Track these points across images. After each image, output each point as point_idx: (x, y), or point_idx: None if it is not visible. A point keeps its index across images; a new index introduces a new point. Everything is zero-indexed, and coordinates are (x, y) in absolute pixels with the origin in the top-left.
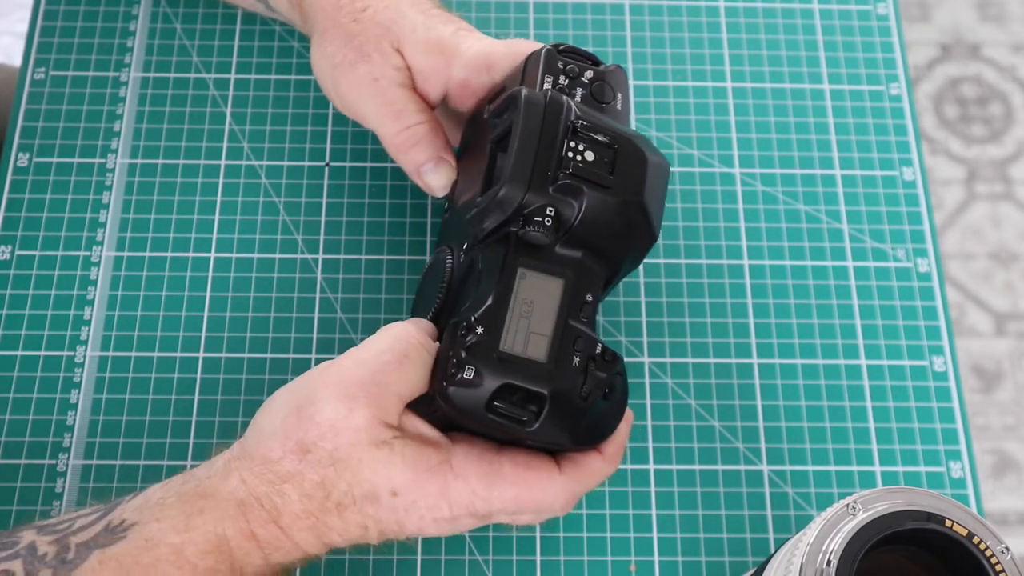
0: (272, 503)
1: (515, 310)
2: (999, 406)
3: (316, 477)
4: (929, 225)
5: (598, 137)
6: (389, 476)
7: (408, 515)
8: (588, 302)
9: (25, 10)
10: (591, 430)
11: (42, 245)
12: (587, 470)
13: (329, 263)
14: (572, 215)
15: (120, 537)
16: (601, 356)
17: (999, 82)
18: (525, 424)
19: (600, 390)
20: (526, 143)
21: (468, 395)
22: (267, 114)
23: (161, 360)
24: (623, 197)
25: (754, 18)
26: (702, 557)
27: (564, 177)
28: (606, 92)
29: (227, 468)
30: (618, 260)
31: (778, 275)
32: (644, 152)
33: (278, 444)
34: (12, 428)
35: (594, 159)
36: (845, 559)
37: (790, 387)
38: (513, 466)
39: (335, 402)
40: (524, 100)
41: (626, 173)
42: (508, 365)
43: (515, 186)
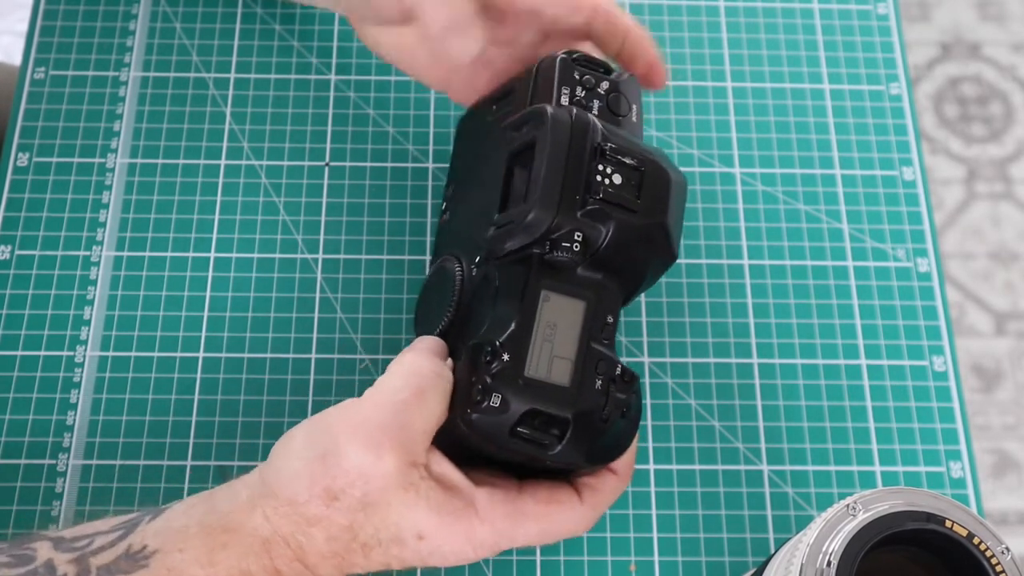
0: (297, 542)
1: (539, 334)
2: (999, 406)
3: (344, 521)
4: (929, 225)
5: (625, 160)
6: (415, 520)
7: (432, 558)
8: (609, 324)
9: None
10: (608, 449)
11: (42, 245)
12: (605, 493)
13: (329, 263)
14: (599, 239)
15: (142, 565)
16: (621, 377)
17: (999, 82)
18: (547, 448)
19: (619, 411)
20: (554, 165)
21: (493, 421)
22: (267, 114)
23: (161, 360)
24: (648, 220)
25: (754, 18)
26: (702, 557)
27: (593, 202)
28: (622, 104)
29: (251, 504)
30: (638, 280)
31: (778, 275)
32: (668, 173)
33: (304, 488)
34: (12, 428)
35: (622, 182)
36: (845, 559)
37: (790, 387)
38: (536, 503)
39: (361, 450)
40: (551, 119)
41: (652, 196)
42: (533, 391)
43: (544, 211)
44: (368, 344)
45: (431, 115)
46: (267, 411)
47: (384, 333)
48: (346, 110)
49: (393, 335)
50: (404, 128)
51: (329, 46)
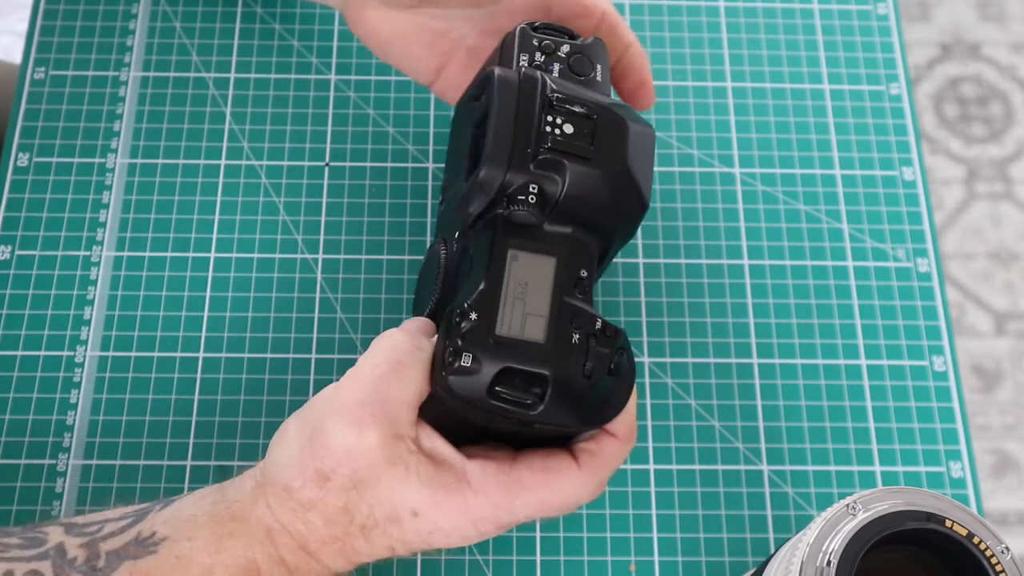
0: (297, 530)
1: (509, 292)
2: (999, 406)
3: (339, 503)
4: (929, 225)
5: (575, 109)
6: (407, 495)
7: (433, 536)
8: (583, 278)
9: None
10: (600, 408)
11: (42, 245)
12: (605, 457)
13: (329, 263)
14: (557, 190)
15: (151, 551)
16: (602, 332)
17: (999, 82)
18: (530, 407)
19: (604, 366)
20: (503, 122)
21: (468, 383)
22: (267, 114)
23: (161, 360)
24: (606, 167)
25: (754, 18)
26: (702, 557)
27: (544, 152)
28: (584, 65)
29: (255, 494)
30: (610, 232)
31: (778, 275)
32: (625, 120)
33: (297, 473)
34: (12, 428)
35: (573, 131)
36: (845, 559)
37: (790, 387)
38: (532, 472)
39: (344, 427)
40: (497, 79)
41: (607, 143)
42: (506, 348)
43: (495, 166)
44: (368, 344)
45: (431, 115)
46: (267, 411)
47: None
48: (346, 110)
49: None
50: (404, 128)
51: (329, 46)
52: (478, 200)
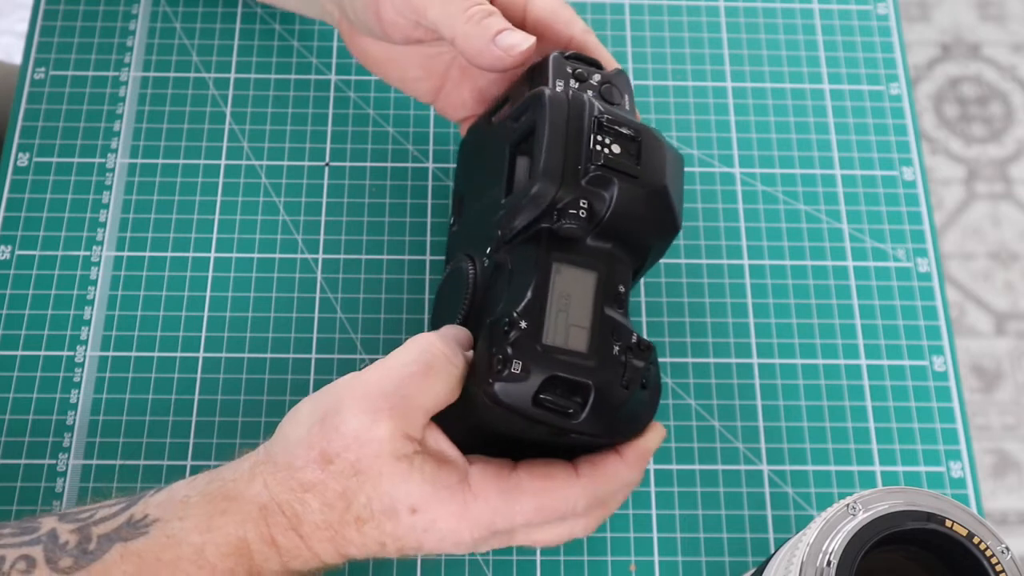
0: (293, 511)
1: (553, 304)
2: (999, 406)
3: (338, 488)
4: (929, 225)
5: (622, 130)
6: (408, 491)
7: (427, 536)
8: (621, 292)
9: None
10: (628, 421)
11: (42, 245)
12: (605, 471)
13: (329, 263)
14: (604, 207)
15: (142, 532)
16: (637, 345)
17: (999, 82)
18: (571, 416)
19: (638, 379)
20: (555, 139)
21: (516, 390)
22: (267, 114)
23: (161, 360)
24: (650, 185)
25: (754, 18)
26: (702, 557)
27: (595, 169)
28: (614, 94)
29: (252, 472)
30: (645, 249)
31: (778, 275)
32: (664, 143)
33: (302, 452)
34: (12, 428)
35: (621, 151)
36: (845, 559)
37: (790, 387)
38: (531, 477)
39: (360, 414)
40: (548, 99)
41: (650, 162)
42: (553, 357)
43: (548, 181)
44: (368, 344)
45: (431, 115)
46: (267, 411)
47: (384, 333)
48: (346, 110)
49: (393, 335)
50: (404, 128)
51: (329, 46)
52: (527, 213)
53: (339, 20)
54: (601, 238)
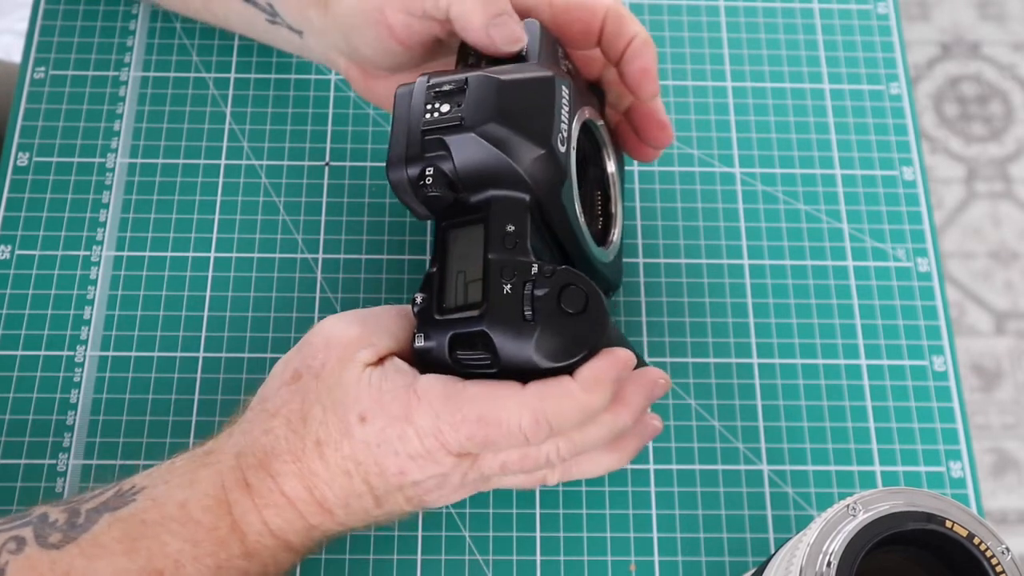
0: (261, 446)
1: (451, 268)
2: (999, 405)
3: (298, 403)
4: (929, 225)
5: (446, 88)
6: (357, 397)
7: (382, 452)
8: (510, 232)
9: (25, 9)
10: (570, 345)
11: (42, 245)
12: (553, 385)
13: (329, 263)
14: (450, 164)
15: (130, 500)
16: (540, 274)
17: (999, 81)
18: (491, 365)
19: (550, 305)
20: (398, 127)
21: (433, 359)
22: (267, 114)
23: (161, 360)
24: (478, 125)
25: (754, 18)
26: (702, 557)
27: (426, 135)
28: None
29: (231, 427)
30: (522, 180)
31: (778, 275)
32: (493, 77)
33: (277, 379)
34: (12, 428)
35: (448, 108)
36: (845, 560)
37: (790, 387)
38: (475, 385)
39: (332, 324)
40: (396, 95)
41: (475, 105)
42: (448, 319)
43: (395, 166)
44: None
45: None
46: None
47: None
48: (346, 110)
49: None
50: None
51: None
52: (407, 201)
53: (347, 68)
54: (476, 190)
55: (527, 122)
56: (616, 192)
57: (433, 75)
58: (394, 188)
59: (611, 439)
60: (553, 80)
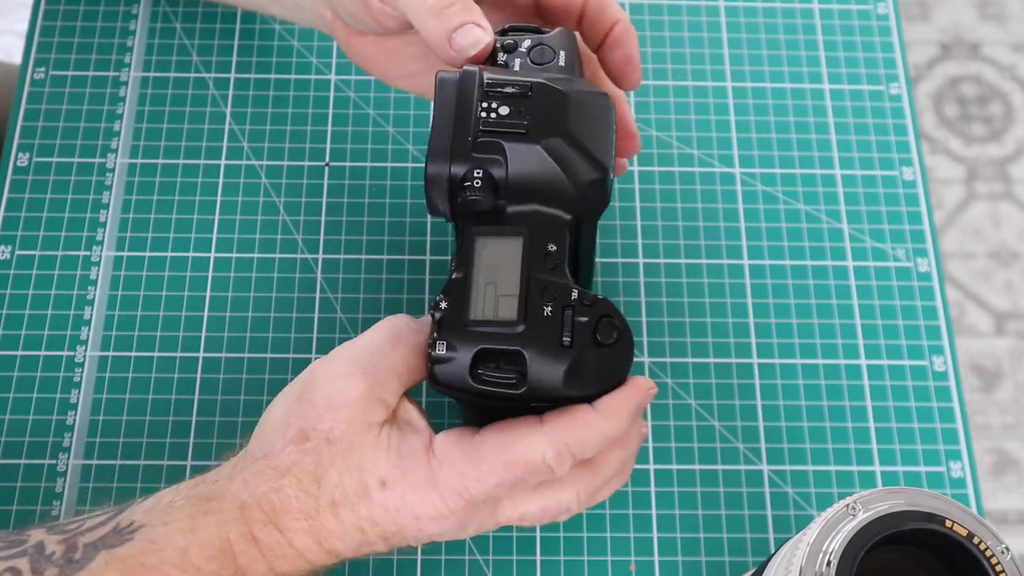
0: (270, 503)
1: (480, 278)
2: (999, 405)
3: (311, 465)
4: (929, 225)
5: (507, 90)
6: (376, 462)
7: (402, 516)
8: (551, 252)
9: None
10: (597, 377)
11: (42, 245)
12: (571, 416)
13: (329, 263)
14: (502, 170)
15: (127, 539)
16: (580, 301)
17: (999, 81)
18: (515, 386)
19: (586, 334)
20: (442, 118)
21: (450, 370)
22: (267, 114)
23: (161, 360)
24: (545, 139)
25: (754, 18)
26: (702, 557)
27: (481, 136)
28: (545, 53)
29: (232, 471)
30: (572, 200)
31: (778, 275)
32: (562, 91)
33: (279, 436)
34: (12, 428)
35: (509, 111)
36: (845, 559)
37: (790, 387)
38: (493, 434)
39: (332, 379)
40: (438, 81)
41: (543, 116)
42: (480, 332)
43: (436, 160)
44: None
45: (431, 115)
46: None
47: None
48: (346, 110)
49: None
50: (404, 128)
51: (329, 46)
52: (436, 198)
53: (332, 21)
54: (518, 201)
55: (589, 143)
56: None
57: (487, 70)
58: (429, 181)
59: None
60: (609, 101)
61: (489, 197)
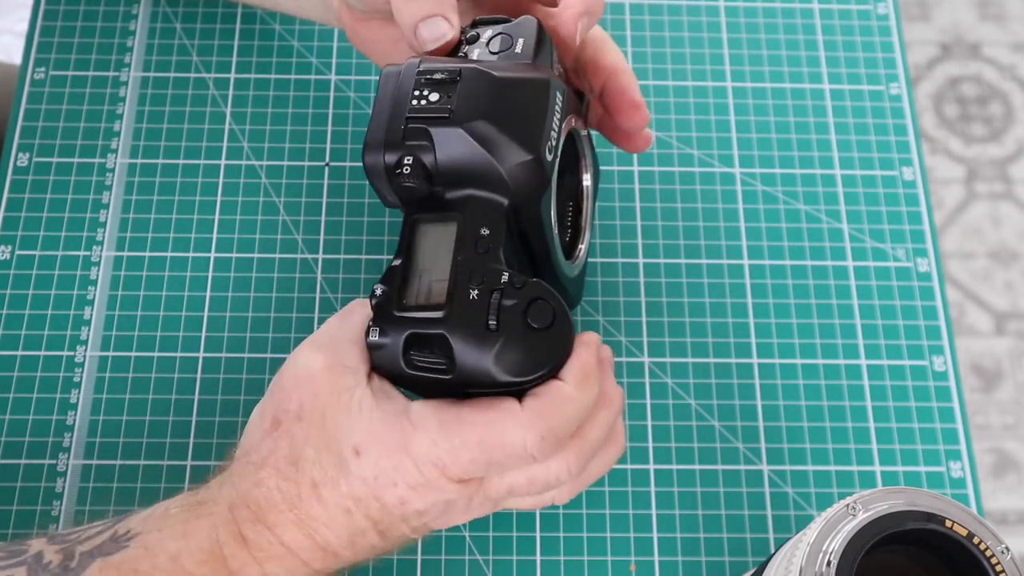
0: (254, 498)
1: (416, 264)
2: (999, 405)
3: (286, 449)
4: (929, 225)
5: (436, 76)
6: (349, 428)
7: (380, 485)
8: (483, 236)
9: (25, 10)
10: (530, 361)
11: (42, 245)
12: (551, 400)
13: (329, 263)
14: (431, 155)
15: (123, 546)
16: (509, 284)
17: (999, 81)
18: (445, 371)
19: (515, 317)
20: (379, 109)
21: (384, 356)
22: (267, 114)
23: (161, 360)
24: (469, 122)
25: (754, 18)
26: (702, 557)
27: (409, 123)
28: (504, 41)
29: (222, 476)
30: (504, 184)
31: (778, 275)
32: (489, 73)
33: (257, 429)
34: (12, 428)
35: (438, 98)
36: (845, 559)
37: (790, 387)
38: (471, 410)
39: (295, 361)
40: (382, 75)
41: (467, 99)
42: (407, 317)
43: (371, 150)
44: None
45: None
46: None
47: None
48: (346, 110)
49: None
50: None
51: (329, 46)
52: (380, 187)
53: (339, 8)
54: (453, 186)
55: (518, 125)
56: (588, 206)
57: (424, 60)
58: (367, 172)
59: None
60: (549, 84)
61: (423, 184)
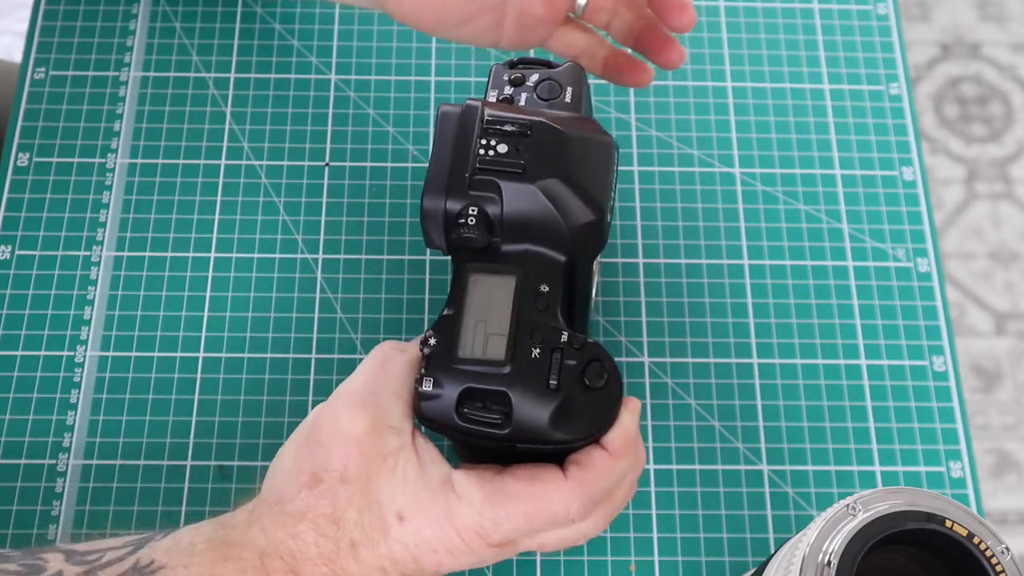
0: (289, 551)
1: (471, 315)
2: (999, 406)
3: (328, 507)
4: (929, 225)
5: (506, 128)
6: (393, 494)
7: (421, 551)
8: (543, 293)
9: (25, 9)
10: (584, 421)
11: (42, 245)
12: (594, 470)
13: (329, 263)
14: (496, 208)
15: None
16: (568, 344)
17: (999, 81)
18: (500, 426)
19: (573, 377)
20: (440, 152)
21: (436, 407)
22: (267, 114)
23: (161, 360)
24: (542, 179)
25: (754, 18)
26: (702, 557)
27: (478, 174)
28: (552, 89)
29: (250, 517)
30: (568, 241)
31: (778, 275)
32: (560, 130)
33: (292, 481)
34: (12, 428)
35: (507, 150)
36: (845, 559)
37: (790, 387)
38: (516, 481)
39: (336, 419)
40: (440, 114)
41: (539, 155)
42: (466, 370)
43: (432, 195)
44: (368, 344)
45: (431, 115)
46: (267, 411)
47: (384, 333)
48: (346, 110)
49: (393, 335)
50: (404, 128)
51: (329, 46)
52: (432, 231)
53: None
54: (513, 240)
55: (585, 185)
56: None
57: (488, 106)
58: (424, 214)
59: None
60: (613, 147)
61: (484, 235)
